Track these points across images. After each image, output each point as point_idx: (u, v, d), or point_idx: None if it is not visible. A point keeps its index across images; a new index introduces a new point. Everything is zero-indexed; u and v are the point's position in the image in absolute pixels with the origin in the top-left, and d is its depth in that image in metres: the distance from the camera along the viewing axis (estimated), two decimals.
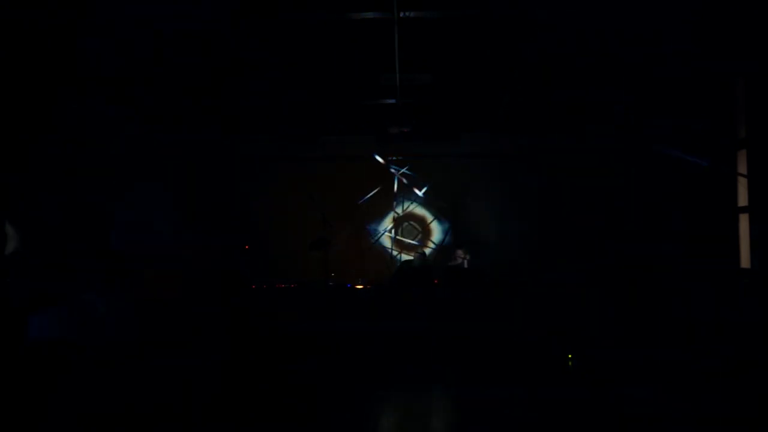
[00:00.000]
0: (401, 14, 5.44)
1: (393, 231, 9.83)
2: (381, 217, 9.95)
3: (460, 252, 8.69)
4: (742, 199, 6.83)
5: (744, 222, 6.82)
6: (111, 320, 4.50)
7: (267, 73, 6.91)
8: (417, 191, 9.53)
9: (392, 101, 7.95)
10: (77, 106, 6.27)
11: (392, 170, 9.51)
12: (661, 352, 6.15)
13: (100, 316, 4.47)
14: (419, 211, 10.00)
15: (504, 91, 7.51)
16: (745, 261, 6.77)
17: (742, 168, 6.82)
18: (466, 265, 8.48)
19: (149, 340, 5.34)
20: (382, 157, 9.41)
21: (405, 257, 9.49)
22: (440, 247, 9.70)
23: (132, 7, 5.22)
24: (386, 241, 9.87)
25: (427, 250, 9.56)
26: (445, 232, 9.87)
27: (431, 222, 9.95)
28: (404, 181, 9.58)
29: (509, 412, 4.66)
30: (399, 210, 9.82)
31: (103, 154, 7.25)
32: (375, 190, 9.40)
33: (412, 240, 9.88)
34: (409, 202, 9.85)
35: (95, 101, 6.55)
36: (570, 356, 6.38)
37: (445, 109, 8.61)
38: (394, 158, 9.64)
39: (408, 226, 10.02)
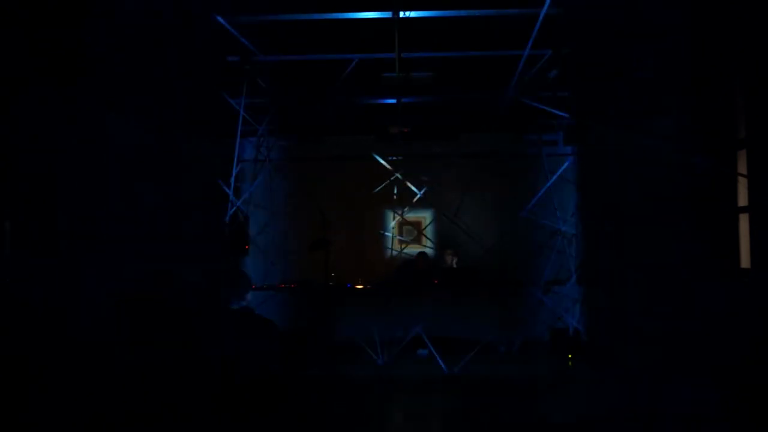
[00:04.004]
0: (401, 14, 5.44)
1: (393, 231, 9.83)
2: (381, 217, 9.96)
3: (447, 253, 8.78)
4: (742, 199, 6.82)
5: (744, 222, 6.81)
6: (109, 320, 4.49)
7: (267, 73, 6.92)
8: (417, 191, 9.53)
9: (392, 101, 7.96)
10: (76, 106, 6.26)
11: (391, 169, 9.51)
12: (659, 353, 6.14)
13: (100, 315, 4.47)
14: (419, 211, 9.99)
15: (504, 91, 7.52)
16: (745, 261, 6.76)
17: (742, 168, 6.82)
18: (454, 265, 8.56)
19: (147, 340, 5.34)
20: (382, 157, 9.42)
21: (405, 258, 9.49)
22: (440, 248, 9.71)
23: (130, 3, 5.22)
24: (386, 242, 9.88)
25: (428, 251, 9.57)
26: (445, 233, 9.88)
27: (431, 222, 9.96)
28: (406, 182, 9.58)
29: (508, 414, 4.66)
30: (399, 210, 9.81)
31: (102, 154, 7.25)
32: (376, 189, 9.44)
33: (412, 241, 9.88)
34: (411, 199, 9.85)
35: (94, 101, 6.54)
36: (570, 356, 6.39)
37: (445, 109, 8.62)
38: (394, 158, 9.64)
39: (408, 227, 10.03)
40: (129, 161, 7.59)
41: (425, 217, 10.03)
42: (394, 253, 9.67)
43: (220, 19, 5.55)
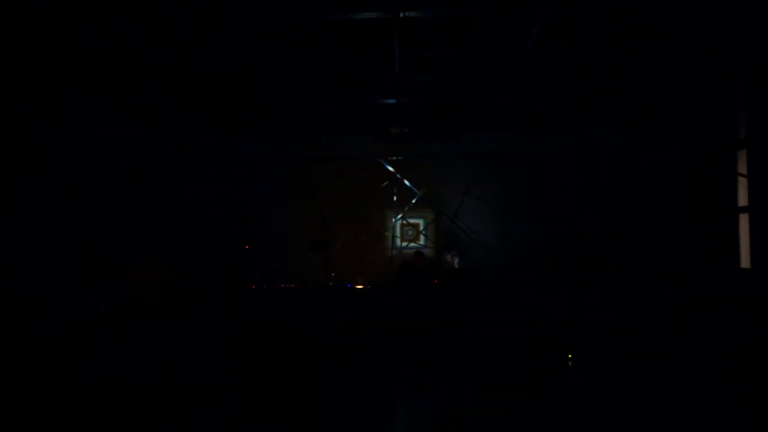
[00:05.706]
0: (401, 14, 5.44)
1: (393, 231, 9.84)
2: (381, 217, 9.96)
3: (448, 254, 8.81)
4: (742, 199, 6.83)
5: (744, 222, 6.82)
6: (110, 319, 4.50)
7: (267, 73, 6.91)
8: (416, 191, 9.53)
9: (392, 101, 7.95)
10: (76, 107, 6.28)
11: (392, 170, 9.52)
12: (659, 353, 6.14)
13: (100, 314, 4.47)
14: (419, 211, 10.00)
15: (503, 91, 7.51)
16: (745, 261, 6.77)
17: (742, 168, 6.82)
18: (456, 266, 8.58)
19: (147, 341, 5.34)
20: (382, 158, 9.43)
21: (405, 258, 9.49)
22: (439, 248, 9.71)
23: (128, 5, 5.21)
24: (387, 241, 9.88)
25: (427, 251, 9.57)
26: (445, 233, 9.88)
27: (430, 222, 9.96)
28: (405, 181, 9.58)
29: (507, 415, 4.65)
30: (399, 210, 9.82)
31: (101, 154, 7.26)
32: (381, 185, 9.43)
33: (412, 240, 9.89)
34: (411, 200, 9.85)
35: (93, 102, 6.56)
36: (570, 356, 6.39)
37: (445, 109, 8.61)
38: (394, 158, 9.65)
39: (408, 227, 10.02)
40: (129, 162, 7.59)
41: (424, 218, 10.02)
42: (395, 252, 9.67)
43: (221, 18, 5.54)
